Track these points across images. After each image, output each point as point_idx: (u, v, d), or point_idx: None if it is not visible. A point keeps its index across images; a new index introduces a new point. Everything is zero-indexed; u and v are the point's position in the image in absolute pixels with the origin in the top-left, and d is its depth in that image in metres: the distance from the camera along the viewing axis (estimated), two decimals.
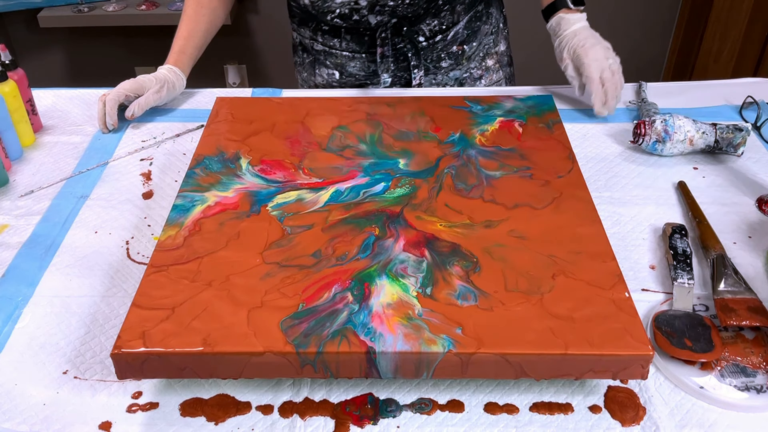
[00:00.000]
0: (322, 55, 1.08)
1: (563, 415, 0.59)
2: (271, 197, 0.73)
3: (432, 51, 1.06)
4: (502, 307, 0.60)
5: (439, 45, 1.05)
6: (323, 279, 0.62)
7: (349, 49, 1.05)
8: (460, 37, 1.06)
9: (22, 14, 2.29)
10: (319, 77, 1.11)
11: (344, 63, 1.06)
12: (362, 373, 0.58)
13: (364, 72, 1.06)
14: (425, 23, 1.02)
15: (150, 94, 0.98)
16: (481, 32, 1.09)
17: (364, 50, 1.04)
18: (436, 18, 1.02)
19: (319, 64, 1.10)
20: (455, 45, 1.06)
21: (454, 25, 1.04)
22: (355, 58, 1.05)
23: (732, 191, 0.84)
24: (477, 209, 0.71)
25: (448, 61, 1.08)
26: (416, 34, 1.03)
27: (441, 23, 1.03)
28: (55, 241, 0.78)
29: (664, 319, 0.65)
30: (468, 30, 1.07)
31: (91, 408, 0.60)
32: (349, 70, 1.07)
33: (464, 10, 1.05)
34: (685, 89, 1.07)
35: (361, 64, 1.06)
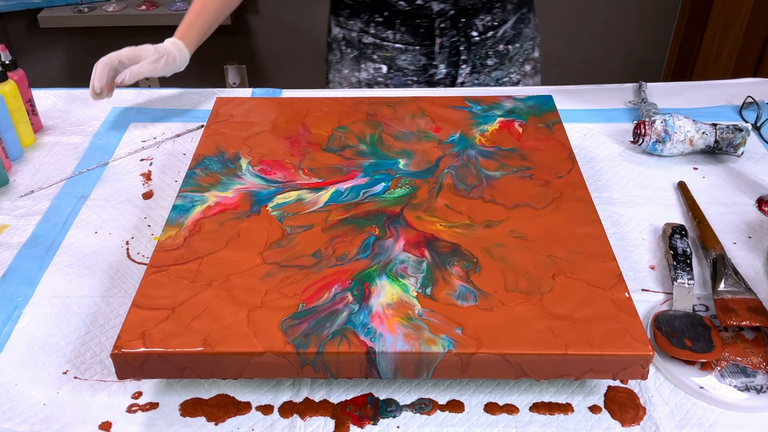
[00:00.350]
0: (371, 48, 1.08)
1: (563, 415, 0.59)
2: (271, 197, 0.73)
3: (482, 48, 1.07)
4: (502, 307, 0.60)
5: (489, 42, 1.07)
6: (323, 279, 0.62)
7: (402, 41, 1.05)
8: (507, 36, 1.09)
9: (22, 14, 2.29)
10: (364, 72, 1.11)
11: (395, 56, 1.07)
12: (362, 373, 0.58)
13: (414, 66, 1.07)
14: (479, 18, 1.04)
15: (146, 63, 0.95)
16: (523, 35, 1.11)
17: (418, 42, 1.05)
18: (489, 14, 1.05)
19: (365, 59, 1.10)
20: (502, 44, 1.09)
21: (503, 24, 1.07)
22: (407, 51, 1.06)
23: (732, 191, 0.84)
24: (477, 209, 0.71)
25: (494, 60, 1.09)
26: (470, 29, 1.05)
27: (493, 20, 1.05)
28: (55, 242, 0.78)
29: (664, 319, 0.65)
30: (514, 30, 1.09)
31: (91, 408, 0.60)
32: (399, 64, 1.07)
33: (513, 10, 1.07)
34: (685, 89, 1.07)
35: (412, 57, 1.06)
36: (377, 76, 1.10)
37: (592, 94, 1.06)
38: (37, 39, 2.36)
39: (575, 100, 1.03)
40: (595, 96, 1.05)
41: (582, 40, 2.34)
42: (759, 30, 2.03)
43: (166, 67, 0.97)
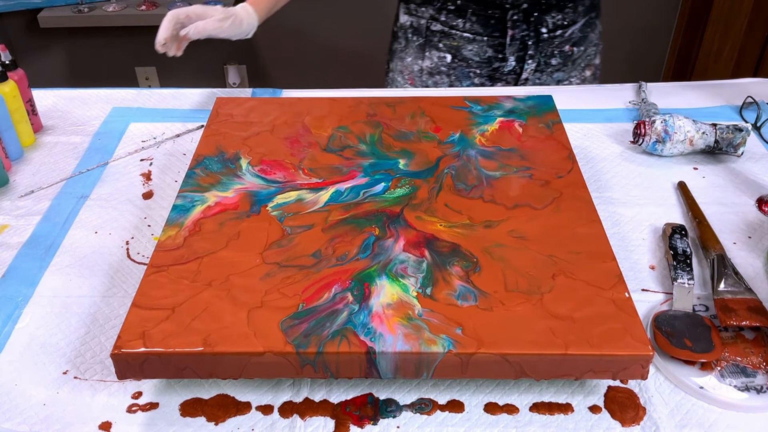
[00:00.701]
0: (438, 36, 1.08)
1: (563, 415, 0.59)
2: (271, 197, 0.73)
3: (549, 45, 1.08)
4: (502, 307, 0.60)
5: (557, 40, 1.08)
6: (323, 279, 0.62)
7: (471, 31, 1.05)
8: (574, 38, 1.09)
9: (22, 14, 2.29)
10: (428, 60, 1.11)
11: (461, 45, 1.07)
12: (362, 373, 0.58)
13: (479, 57, 1.07)
14: (551, 15, 1.05)
15: (212, 20, 0.94)
16: (588, 40, 1.12)
17: (487, 33, 1.05)
18: (560, 12, 1.05)
19: (431, 47, 1.10)
20: (568, 45, 1.09)
21: (572, 24, 1.07)
22: (474, 41, 1.06)
23: (732, 191, 0.84)
24: (477, 209, 0.71)
25: (558, 60, 1.10)
26: (540, 25, 1.05)
27: (563, 18, 1.06)
28: (55, 242, 0.78)
29: (664, 319, 0.65)
30: (581, 33, 1.10)
31: (91, 408, 0.60)
32: (464, 54, 1.07)
33: (582, 13, 1.08)
34: (685, 89, 1.07)
35: (479, 48, 1.06)
36: (440, 65, 1.10)
37: (592, 94, 1.06)
38: (37, 39, 2.36)
39: (575, 100, 1.03)
40: (595, 96, 1.05)
41: None
42: (759, 30, 2.03)
43: (232, 28, 0.96)
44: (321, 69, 2.45)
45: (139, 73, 2.47)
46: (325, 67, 2.45)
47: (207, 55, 2.43)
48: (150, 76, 2.47)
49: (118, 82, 2.53)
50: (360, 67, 2.44)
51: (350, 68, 2.45)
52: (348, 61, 2.43)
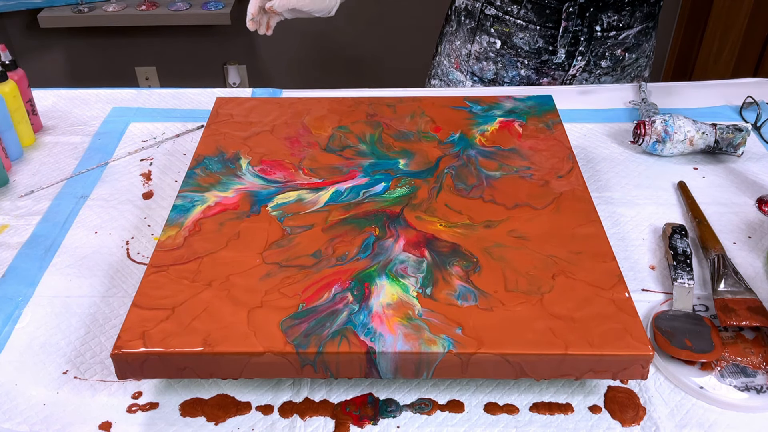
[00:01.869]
0: (490, 20, 1.08)
1: (563, 415, 0.59)
2: (271, 197, 0.73)
3: (601, 45, 1.07)
4: (502, 307, 0.60)
5: (609, 41, 1.07)
6: (323, 279, 0.62)
7: (525, 18, 1.05)
8: (627, 43, 1.08)
9: (22, 14, 2.29)
10: (477, 45, 1.11)
11: (513, 32, 1.06)
12: (362, 373, 0.58)
13: (528, 47, 1.07)
14: (607, 14, 1.04)
15: None
16: (641, 49, 1.11)
17: (541, 23, 1.05)
18: (617, 13, 1.04)
19: (482, 31, 1.10)
20: (620, 48, 1.08)
21: (628, 28, 1.06)
22: (527, 29, 1.05)
23: (732, 191, 0.84)
24: (477, 209, 0.71)
25: (608, 63, 1.09)
26: (595, 22, 1.04)
27: (619, 21, 1.05)
28: (55, 242, 0.78)
29: (664, 319, 0.65)
30: (635, 40, 1.09)
31: (91, 408, 0.60)
32: (514, 41, 1.07)
33: (640, 19, 1.07)
34: (685, 89, 1.07)
35: (529, 37, 1.06)
36: (489, 51, 1.10)
37: (592, 94, 1.06)
38: (37, 39, 2.36)
39: (575, 100, 1.03)
40: (595, 96, 1.05)
41: None
42: (759, 30, 2.03)
43: (316, 3, 0.99)
44: (321, 69, 2.45)
45: (139, 73, 2.47)
46: (325, 67, 2.45)
47: (207, 55, 2.43)
48: (150, 76, 2.47)
49: (118, 82, 2.53)
50: (360, 67, 2.44)
51: (350, 68, 2.45)
52: (348, 61, 2.43)
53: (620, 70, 1.11)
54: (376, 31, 2.35)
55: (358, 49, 2.40)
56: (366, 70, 2.44)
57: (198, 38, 2.38)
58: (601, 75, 1.10)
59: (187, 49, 2.41)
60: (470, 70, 1.13)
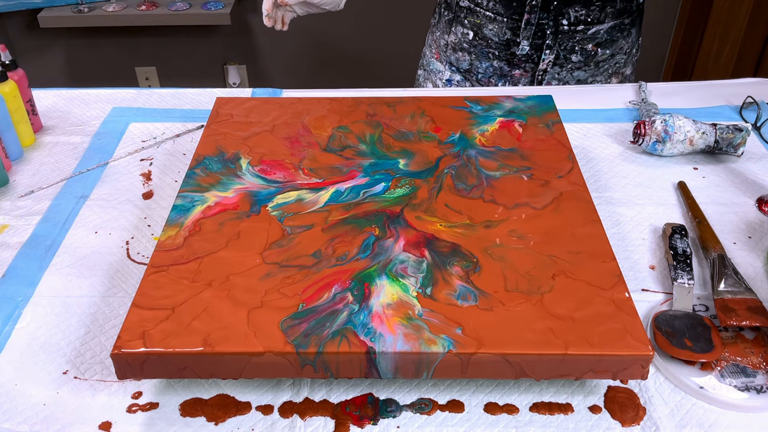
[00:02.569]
0: (464, 12, 1.09)
1: (563, 415, 0.59)
2: (271, 197, 0.73)
3: (569, 39, 1.07)
4: (502, 307, 0.60)
5: (578, 36, 1.07)
6: (323, 279, 0.62)
7: (493, 10, 1.06)
8: (599, 38, 1.08)
9: (22, 14, 2.29)
10: (453, 36, 1.12)
11: (483, 24, 1.07)
12: (362, 373, 0.58)
13: (497, 38, 1.07)
14: (574, 9, 1.04)
15: None
16: (617, 45, 1.11)
17: (508, 15, 1.05)
18: (585, 8, 1.04)
19: (457, 23, 1.11)
20: (592, 43, 1.08)
21: (598, 23, 1.06)
22: (495, 21, 1.06)
23: (732, 191, 0.84)
24: (477, 209, 0.71)
25: (579, 57, 1.09)
26: (561, 16, 1.04)
27: (588, 15, 1.05)
28: (55, 242, 0.78)
29: (664, 319, 0.65)
30: (608, 36, 1.08)
31: (91, 408, 0.60)
32: (485, 33, 1.08)
33: (612, 15, 1.06)
34: (685, 89, 1.07)
35: (498, 29, 1.07)
36: (463, 41, 1.11)
37: (592, 94, 1.06)
38: (37, 39, 2.36)
39: (575, 100, 1.03)
40: (595, 96, 1.05)
41: None
42: (759, 30, 2.03)
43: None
44: (321, 69, 2.46)
45: (139, 73, 2.47)
46: (325, 67, 2.45)
47: (207, 55, 2.43)
48: (150, 76, 2.47)
49: (118, 82, 2.53)
50: (360, 67, 2.44)
51: (350, 68, 2.45)
52: (348, 61, 2.43)
53: (594, 66, 1.11)
54: (377, 32, 2.35)
55: (359, 49, 2.40)
56: (366, 70, 2.44)
57: (198, 38, 2.38)
58: (574, 69, 1.10)
59: (187, 49, 2.41)
60: (448, 60, 1.15)
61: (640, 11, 1.12)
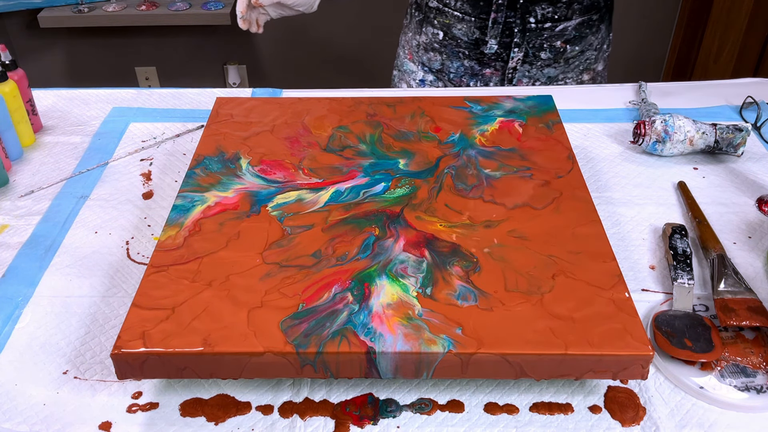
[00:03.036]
0: (433, 12, 1.10)
1: (563, 415, 0.59)
2: (271, 197, 0.73)
3: (537, 37, 1.07)
4: (502, 307, 0.60)
5: (546, 33, 1.07)
6: (323, 279, 0.62)
7: (461, 10, 1.06)
8: (567, 35, 1.08)
9: (22, 14, 2.29)
10: (423, 36, 1.13)
11: (452, 24, 1.08)
12: (362, 373, 0.58)
13: (467, 38, 1.08)
14: (541, 6, 1.04)
15: None
16: (586, 41, 1.11)
17: (475, 14, 1.06)
18: (552, 5, 1.04)
19: (427, 23, 1.12)
20: (560, 40, 1.08)
21: (565, 20, 1.06)
22: (463, 20, 1.07)
23: (732, 191, 0.84)
24: (477, 209, 0.71)
25: (548, 55, 1.09)
26: (528, 14, 1.05)
27: (555, 12, 1.05)
28: (55, 242, 0.78)
29: (664, 319, 0.65)
30: (576, 32, 1.09)
31: (91, 408, 0.60)
32: (454, 32, 1.08)
33: (579, 11, 1.07)
34: (685, 89, 1.07)
35: (467, 29, 1.07)
36: (434, 42, 1.12)
37: (592, 94, 1.06)
38: (37, 39, 2.36)
39: (575, 100, 1.03)
40: (595, 96, 1.05)
41: None
42: (759, 30, 2.03)
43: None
44: (321, 69, 2.45)
45: (139, 73, 2.47)
46: (325, 67, 2.45)
47: (207, 55, 2.43)
48: (150, 76, 2.47)
49: (118, 82, 2.53)
50: (360, 67, 2.44)
51: (350, 68, 2.45)
52: (348, 61, 2.43)
53: (564, 63, 1.11)
54: (377, 32, 2.35)
55: (359, 50, 2.40)
56: (366, 70, 2.44)
57: (198, 38, 2.38)
58: (544, 67, 1.11)
59: (187, 49, 2.41)
60: (420, 61, 1.15)
61: (608, 7, 1.12)
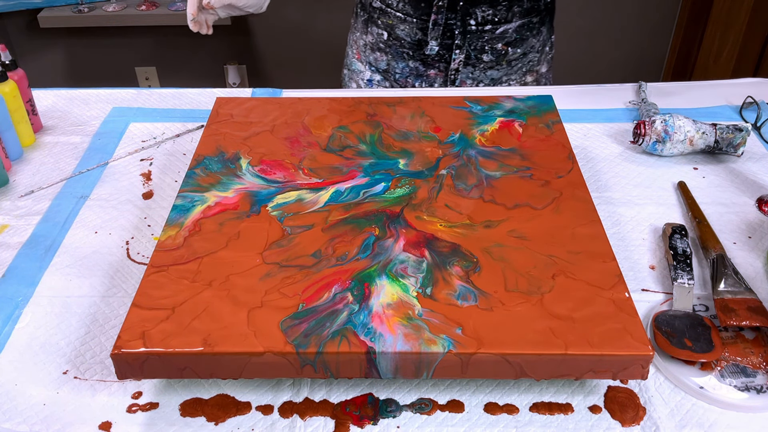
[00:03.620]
0: (377, 13, 1.10)
1: (563, 415, 0.59)
2: (271, 197, 0.73)
3: (478, 39, 1.07)
4: (502, 307, 0.60)
5: (486, 36, 1.07)
6: (323, 279, 0.62)
7: (403, 11, 1.06)
8: (508, 37, 1.08)
9: (22, 14, 2.29)
10: (369, 36, 1.13)
11: (395, 24, 1.08)
12: (362, 373, 0.58)
13: (409, 38, 1.08)
14: (481, 9, 1.04)
15: None
16: (528, 43, 1.11)
17: (417, 15, 1.06)
18: (492, 8, 1.05)
19: (372, 23, 1.12)
20: (501, 43, 1.08)
21: (506, 23, 1.06)
22: (405, 21, 1.07)
23: (732, 191, 0.84)
24: (477, 209, 0.71)
25: (490, 57, 1.09)
26: (468, 16, 1.05)
27: (495, 15, 1.05)
28: (55, 241, 0.78)
29: (664, 319, 0.65)
30: (517, 35, 1.09)
31: (91, 408, 0.60)
32: (397, 33, 1.09)
33: (519, 14, 1.07)
34: (685, 89, 1.07)
35: (409, 29, 1.07)
36: (379, 42, 1.12)
37: (592, 94, 1.06)
38: (37, 39, 2.36)
39: (575, 100, 1.03)
40: (595, 96, 1.05)
41: (582, 40, 2.34)
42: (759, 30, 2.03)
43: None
44: (321, 69, 2.45)
45: (139, 73, 2.47)
46: (325, 67, 2.45)
47: (207, 55, 2.43)
48: (150, 76, 2.47)
49: (118, 82, 2.53)
50: None
51: None
52: None
53: (507, 65, 1.11)
54: None
55: None
56: None
57: (198, 38, 2.38)
58: (486, 69, 1.11)
59: (187, 49, 2.41)
60: (368, 60, 1.16)
61: (548, 10, 1.12)
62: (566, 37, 2.32)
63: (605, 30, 2.31)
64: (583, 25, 2.30)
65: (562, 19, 2.29)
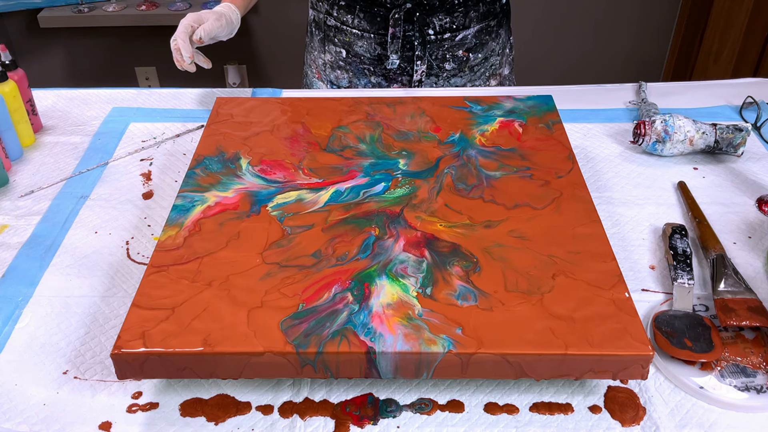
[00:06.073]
0: (333, 31, 1.10)
1: (563, 415, 0.59)
2: (271, 197, 0.73)
3: (438, 48, 1.07)
4: (502, 307, 0.60)
5: (446, 44, 1.07)
6: (323, 279, 0.62)
7: (360, 27, 1.06)
8: (468, 43, 1.08)
9: (22, 14, 2.29)
10: (328, 54, 1.12)
11: (352, 41, 1.08)
12: (362, 373, 0.58)
13: (369, 54, 1.08)
14: (437, 17, 1.04)
15: (212, 21, 0.97)
16: (488, 47, 1.11)
17: (374, 30, 1.05)
18: (449, 16, 1.04)
19: (328, 41, 1.11)
20: (461, 50, 1.08)
21: (464, 29, 1.06)
22: (363, 38, 1.07)
23: (732, 191, 0.84)
24: (477, 209, 0.71)
25: (452, 65, 1.09)
26: (426, 26, 1.04)
27: (452, 22, 1.05)
28: (55, 241, 0.78)
29: (664, 319, 0.65)
30: (477, 40, 1.09)
31: (91, 408, 0.60)
32: (356, 50, 1.08)
33: (476, 19, 1.07)
34: (685, 89, 1.07)
35: (368, 45, 1.07)
36: (338, 60, 1.11)
37: (592, 94, 1.06)
38: (37, 39, 2.36)
39: (575, 100, 1.03)
40: (595, 96, 1.05)
41: (582, 40, 2.34)
42: (759, 30, 2.03)
43: (227, 27, 1.00)
44: None
45: (139, 73, 2.47)
46: None
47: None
48: (150, 76, 2.47)
49: (118, 82, 2.53)
50: None
51: None
52: None
53: (469, 71, 1.11)
54: None
55: None
56: None
57: None
58: (450, 77, 1.11)
59: None
60: (328, 79, 1.15)
61: (505, 12, 1.12)
62: (566, 37, 2.32)
63: (606, 30, 2.31)
64: (583, 25, 2.30)
65: (562, 19, 2.29)
